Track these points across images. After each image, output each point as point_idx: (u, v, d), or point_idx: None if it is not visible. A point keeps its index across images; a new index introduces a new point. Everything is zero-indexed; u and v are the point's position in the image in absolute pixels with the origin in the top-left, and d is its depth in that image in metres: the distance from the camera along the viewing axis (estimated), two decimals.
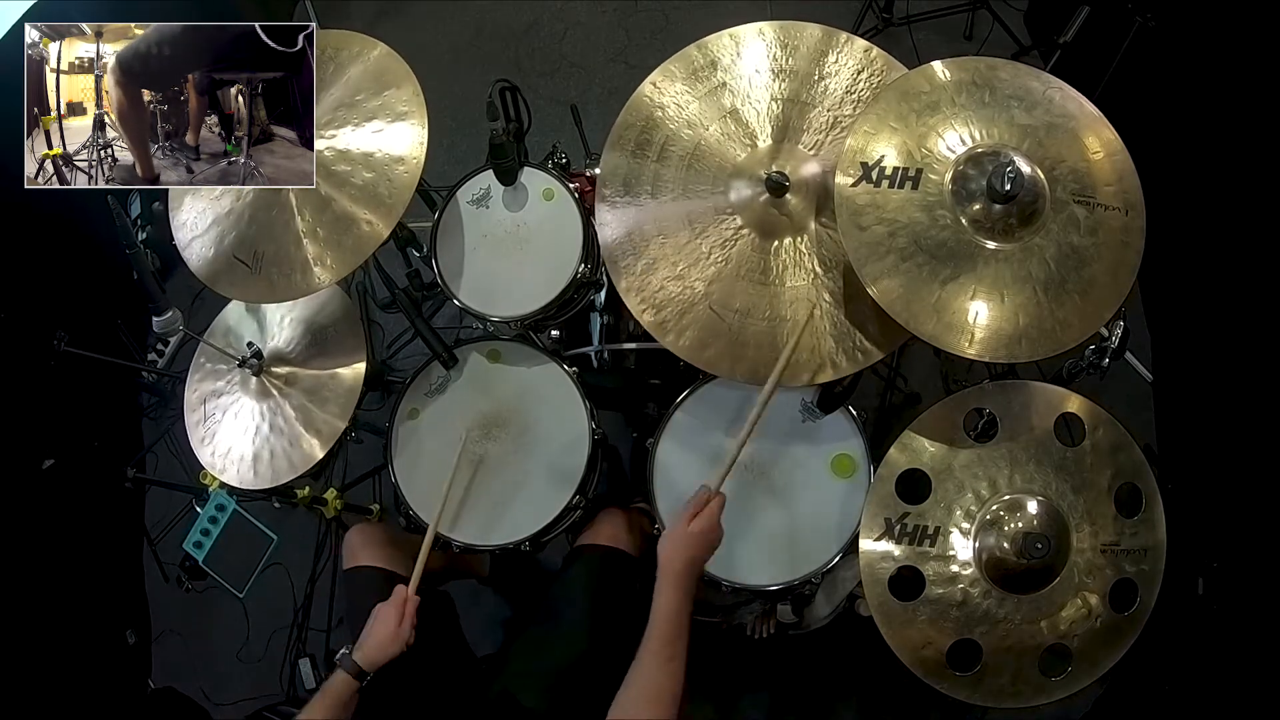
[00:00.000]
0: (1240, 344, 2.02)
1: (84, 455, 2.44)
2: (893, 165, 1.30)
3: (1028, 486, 1.35)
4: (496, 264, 1.71)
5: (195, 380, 1.80)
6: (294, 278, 1.49)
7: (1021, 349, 1.25)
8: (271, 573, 2.27)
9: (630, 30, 3.08)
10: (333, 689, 1.34)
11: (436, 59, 3.06)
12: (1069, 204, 1.29)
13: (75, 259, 2.49)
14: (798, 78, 1.48)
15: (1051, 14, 2.60)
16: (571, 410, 1.65)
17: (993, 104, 1.34)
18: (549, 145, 1.88)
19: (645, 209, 1.47)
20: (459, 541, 1.60)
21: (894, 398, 2.32)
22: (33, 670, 2.12)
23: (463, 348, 1.72)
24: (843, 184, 1.31)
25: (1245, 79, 2.01)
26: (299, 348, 1.75)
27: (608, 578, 1.61)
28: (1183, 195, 2.08)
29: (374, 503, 2.33)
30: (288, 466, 1.65)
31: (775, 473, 1.57)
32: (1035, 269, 1.27)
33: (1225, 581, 1.86)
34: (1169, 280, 2.26)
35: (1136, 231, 1.30)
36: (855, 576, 1.59)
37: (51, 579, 2.27)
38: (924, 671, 1.32)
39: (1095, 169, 1.31)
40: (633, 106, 1.52)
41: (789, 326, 1.39)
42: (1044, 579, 1.31)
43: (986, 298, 1.26)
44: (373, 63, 1.57)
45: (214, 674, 2.44)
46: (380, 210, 1.48)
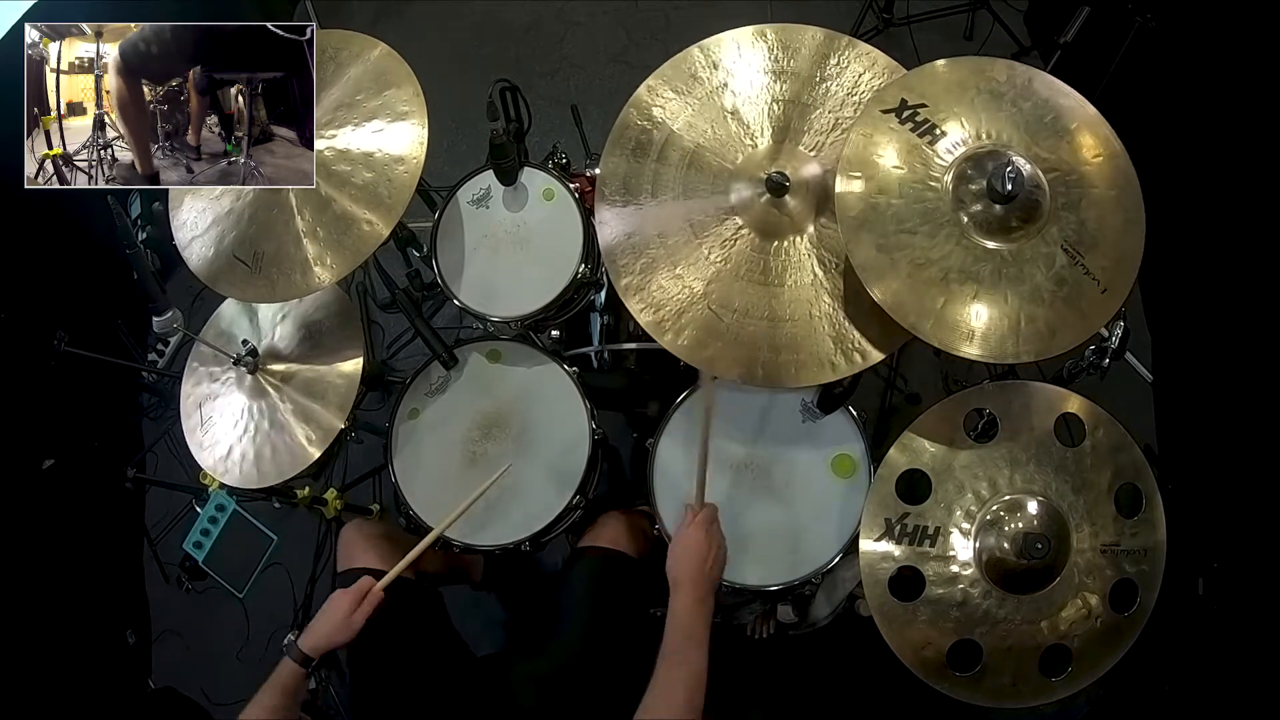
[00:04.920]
0: (1240, 344, 2.02)
1: (84, 455, 2.44)
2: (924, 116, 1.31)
3: (1028, 487, 1.35)
4: (496, 264, 1.71)
5: (189, 385, 1.79)
6: (294, 278, 1.49)
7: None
8: (271, 573, 2.27)
9: (630, 30, 3.08)
10: (278, 678, 1.33)
11: (437, 59, 3.06)
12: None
13: (75, 259, 2.49)
14: (798, 79, 1.48)
15: (1051, 14, 2.60)
16: (571, 410, 1.65)
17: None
18: (549, 145, 1.88)
19: (645, 209, 1.47)
20: (459, 541, 1.60)
21: (894, 398, 2.32)
22: (33, 670, 2.12)
23: (463, 348, 1.72)
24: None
25: (1245, 79, 2.01)
26: (294, 344, 1.74)
27: (609, 580, 1.61)
28: (1183, 195, 2.08)
29: (374, 503, 2.33)
30: (289, 462, 1.65)
31: (775, 473, 1.57)
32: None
33: (1225, 581, 1.86)
34: (1169, 280, 2.26)
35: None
36: (855, 576, 1.59)
37: (51, 579, 2.27)
38: (924, 672, 1.32)
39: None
40: (633, 107, 1.52)
41: (788, 327, 1.39)
42: (1044, 579, 1.31)
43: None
44: (373, 63, 1.57)
45: (214, 674, 2.44)
46: (380, 210, 1.48)
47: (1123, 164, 1.32)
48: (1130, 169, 1.32)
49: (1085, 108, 1.35)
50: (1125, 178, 1.31)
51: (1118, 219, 1.30)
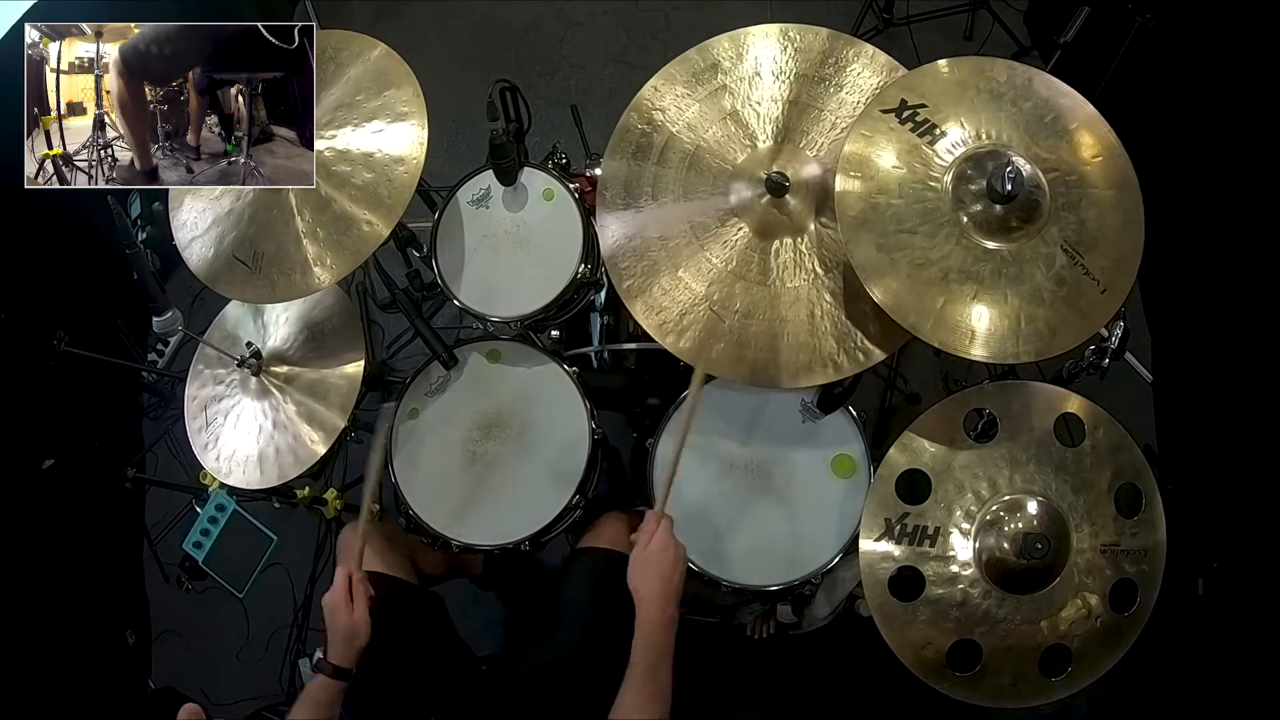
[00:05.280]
0: (1240, 344, 2.02)
1: (84, 455, 2.44)
2: (924, 116, 1.31)
3: (1028, 487, 1.35)
4: (496, 264, 1.71)
5: (194, 387, 1.79)
6: (294, 278, 1.49)
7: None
8: (271, 573, 2.27)
9: (630, 30, 3.08)
10: (311, 692, 1.31)
11: (436, 59, 3.06)
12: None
13: (75, 259, 2.48)
14: (798, 79, 1.49)
15: (1051, 14, 2.60)
16: (571, 410, 1.65)
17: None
18: (549, 145, 1.88)
19: (646, 212, 1.47)
20: (459, 541, 1.60)
21: (894, 398, 2.32)
22: (33, 670, 2.12)
23: (463, 348, 1.72)
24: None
25: (1245, 79, 2.01)
26: (297, 346, 1.75)
27: (608, 580, 1.60)
28: (1183, 195, 2.08)
29: (374, 503, 2.32)
30: (293, 462, 1.66)
31: (775, 473, 1.57)
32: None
33: (1225, 581, 1.86)
34: (1169, 280, 2.26)
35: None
36: (855, 577, 1.59)
37: (51, 579, 2.27)
38: (924, 672, 1.32)
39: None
40: (633, 110, 1.52)
41: (789, 327, 1.39)
42: (1044, 579, 1.31)
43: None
44: (373, 63, 1.57)
45: (214, 674, 2.44)
46: (380, 210, 1.48)
47: (1122, 164, 1.32)
48: (1130, 169, 1.32)
49: (1085, 108, 1.35)
50: (1125, 178, 1.31)
51: (1117, 219, 1.30)
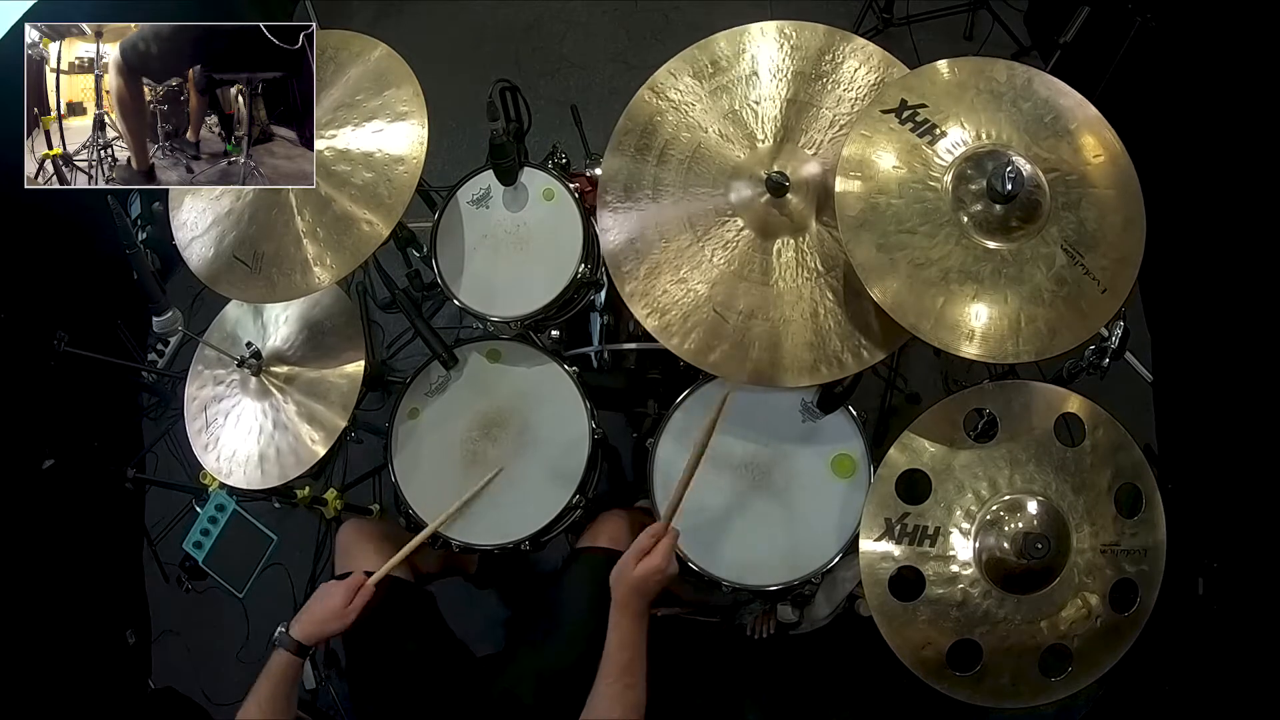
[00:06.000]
0: (1240, 344, 2.02)
1: (84, 455, 2.44)
2: (924, 116, 1.31)
3: (1028, 487, 1.35)
4: (496, 264, 1.71)
5: (194, 387, 1.79)
6: (294, 278, 1.49)
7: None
8: (271, 573, 2.27)
9: (630, 30, 3.08)
10: (273, 668, 1.32)
11: (436, 59, 3.06)
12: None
13: (75, 259, 2.49)
14: (798, 78, 1.48)
15: (1051, 14, 2.60)
16: (571, 410, 1.65)
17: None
18: (549, 145, 1.88)
19: (646, 213, 1.47)
20: (458, 541, 1.60)
21: (894, 398, 2.32)
22: (33, 670, 2.12)
23: (463, 348, 1.72)
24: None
25: (1245, 79, 2.01)
26: (297, 346, 1.75)
27: (608, 579, 1.61)
28: (1183, 195, 2.08)
29: (374, 503, 2.33)
30: (293, 462, 1.65)
31: (775, 473, 1.57)
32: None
33: (1225, 581, 1.86)
34: (1169, 280, 2.26)
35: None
36: (855, 576, 1.59)
37: (51, 579, 2.27)
38: (924, 672, 1.32)
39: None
40: (633, 110, 1.52)
41: (790, 327, 1.39)
42: (1044, 579, 1.31)
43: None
44: (373, 63, 1.57)
45: (214, 674, 2.44)
46: (380, 210, 1.48)
47: (1123, 164, 1.32)
48: (1130, 169, 1.32)
49: (1085, 108, 1.35)
50: (1125, 178, 1.31)
51: (1118, 219, 1.30)
